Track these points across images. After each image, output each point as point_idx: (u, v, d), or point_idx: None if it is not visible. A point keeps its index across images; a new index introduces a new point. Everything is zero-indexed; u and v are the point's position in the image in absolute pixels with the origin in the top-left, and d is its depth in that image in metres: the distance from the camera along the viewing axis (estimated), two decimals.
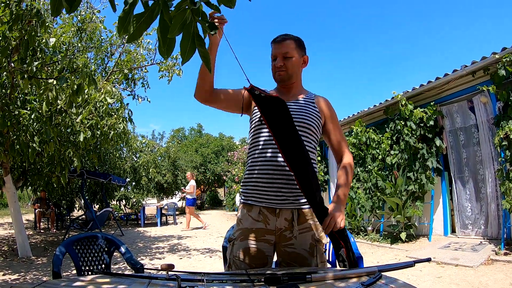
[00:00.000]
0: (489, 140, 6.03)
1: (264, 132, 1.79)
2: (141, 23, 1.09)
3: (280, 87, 1.95)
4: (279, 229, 1.73)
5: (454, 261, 5.00)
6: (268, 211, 1.74)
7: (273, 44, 1.87)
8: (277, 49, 1.84)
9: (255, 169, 1.78)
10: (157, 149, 17.97)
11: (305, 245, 1.73)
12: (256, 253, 1.72)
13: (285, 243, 1.74)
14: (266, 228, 1.73)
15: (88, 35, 7.05)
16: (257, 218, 1.74)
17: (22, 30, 3.75)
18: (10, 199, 6.70)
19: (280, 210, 1.73)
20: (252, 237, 1.73)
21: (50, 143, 4.99)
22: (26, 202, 23.36)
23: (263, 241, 1.73)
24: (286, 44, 1.83)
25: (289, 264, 1.74)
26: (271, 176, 1.72)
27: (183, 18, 1.08)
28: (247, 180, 1.82)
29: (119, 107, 6.09)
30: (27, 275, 5.28)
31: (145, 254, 7.13)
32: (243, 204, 1.82)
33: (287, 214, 1.73)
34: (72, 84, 4.24)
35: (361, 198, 8.33)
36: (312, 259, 1.73)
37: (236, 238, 1.78)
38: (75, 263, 2.34)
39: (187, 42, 1.13)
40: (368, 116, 8.93)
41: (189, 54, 1.15)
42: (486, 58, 5.72)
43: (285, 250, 1.74)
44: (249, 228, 1.75)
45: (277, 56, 1.84)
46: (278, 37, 1.86)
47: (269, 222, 1.73)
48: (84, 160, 8.91)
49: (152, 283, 1.26)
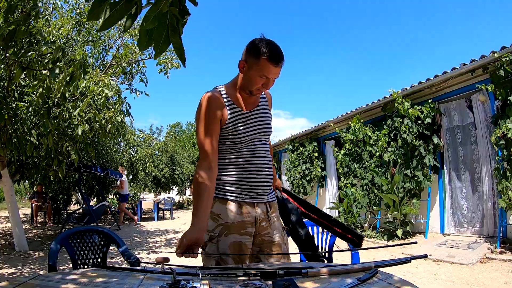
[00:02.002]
0: (486, 138, 6.04)
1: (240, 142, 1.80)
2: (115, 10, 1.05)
3: (242, 92, 1.84)
4: (258, 220, 1.80)
5: (450, 259, 5.02)
6: (246, 204, 1.79)
7: (272, 65, 1.68)
8: (274, 73, 1.71)
9: (234, 168, 1.81)
10: (154, 144, 17.93)
11: (279, 231, 1.87)
12: (241, 247, 1.73)
13: (263, 232, 1.82)
14: (248, 221, 1.77)
15: (86, 29, 7.03)
16: (237, 211, 1.76)
17: (16, 21, 3.72)
18: (7, 193, 6.68)
19: (257, 203, 1.82)
20: (235, 231, 1.73)
21: (48, 136, 4.97)
22: (23, 196, 23.30)
23: (246, 234, 1.76)
24: (281, 67, 1.72)
25: (267, 253, 1.81)
26: (250, 176, 1.80)
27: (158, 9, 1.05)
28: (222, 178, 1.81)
29: (117, 100, 6.07)
30: (24, 269, 5.28)
31: (142, 248, 7.13)
32: (218, 199, 1.78)
33: (262, 206, 1.84)
34: (64, 74, 4.21)
35: (358, 194, 8.34)
36: (283, 245, 1.86)
37: (219, 235, 1.72)
38: (71, 257, 2.33)
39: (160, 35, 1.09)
40: (366, 113, 8.92)
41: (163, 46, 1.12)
42: (485, 56, 5.71)
43: (263, 239, 1.82)
44: (230, 223, 1.74)
45: (271, 78, 1.73)
46: (279, 58, 1.68)
47: (249, 214, 1.78)
48: (82, 154, 8.89)
49: (147, 276, 1.25)
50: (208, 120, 1.73)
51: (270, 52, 1.66)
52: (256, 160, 1.80)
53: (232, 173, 1.79)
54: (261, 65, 1.67)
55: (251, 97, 1.85)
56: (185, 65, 1.32)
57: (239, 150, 1.80)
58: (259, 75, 1.70)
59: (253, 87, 1.75)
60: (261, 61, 1.67)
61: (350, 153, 9.03)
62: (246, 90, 1.79)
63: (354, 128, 8.59)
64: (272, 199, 1.91)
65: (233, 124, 1.76)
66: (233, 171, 1.79)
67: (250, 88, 1.77)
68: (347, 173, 9.24)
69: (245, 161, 1.79)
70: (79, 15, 6.89)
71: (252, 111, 1.84)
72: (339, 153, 9.45)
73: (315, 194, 11.30)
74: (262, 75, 1.69)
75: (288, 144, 12.48)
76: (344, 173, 9.34)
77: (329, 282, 1.17)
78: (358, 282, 1.12)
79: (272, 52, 1.66)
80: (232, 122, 1.76)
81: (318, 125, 10.78)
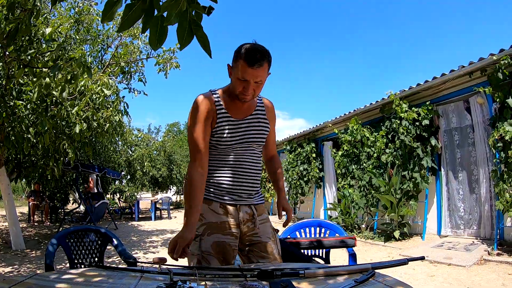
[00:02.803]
0: (484, 141, 6.05)
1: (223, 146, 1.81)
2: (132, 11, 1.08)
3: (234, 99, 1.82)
4: (242, 221, 1.81)
5: (447, 260, 5.03)
6: (229, 206, 1.80)
7: (248, 66, 1.64)
8: (251, 75, 1.66)
9: (218, 171, 1.83)
10: (152, 143, 17.92)
11: (268, 233, 1.87)
12: (224, 247, 1.74)
13: (250, 233, 1.82)
14: (231, 221, 1.78)
15: (85, 28, 7.02)
16: (219, 212, 1.78)
17: (17, 19, 3.71)
18: (4, 192, 6.66)
19: (240, 205, 1.83)
20: (218, 231, 1.75)
21: (46, 134, 4.95)
22: (20, 195, 23.23)
23: (229, 234, 1.76)
24: (261, 71, 1.67)
25: (258, 254, 1.81)
26: (234, 181, 1.81)
27: (178, 7, 1.07)
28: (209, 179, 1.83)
29: (115, 99, 6.06)
30: (21, 267, 5.26)
31: (139, 248, 7.12)
32: (203, 200, 1.78)
33: (246, 208, 1.84)
34: (66, 73, 4.21)
35: (355, 195, 8.35)
36: (274, 247, 1.86)
37: (202, 234, 1.75)
38: (68, 256, 2.33)
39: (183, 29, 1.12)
40: (364, 114, 8.93)
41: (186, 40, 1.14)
42: (484, 59, 5.72)
43: (251, 239, 1.82)
44: (213, 222, 1.76)
45: (249, 81, 1.68)
46: (254, 60, 1.64)
47: (232, 215, 1.79)
48: (79, 153, 8.88)
49: (144, 276, 1.25)
50: (199, 122, 1.75)
51: (246, 53, 1.64)
52: (240, 167, 1.82)
53: (216, 176, 1.82)
54: (238, 67, 1.67)
55: (245, 104, 1.84)
56: (211, 56, 1.38)
57: (224, 155, 1.82)
58: (237, 77, 1.69)
59: (236, 91, 1.74)
60: (238, 63, 1.67)
61: (348, 154, 9.04)
62: (233, 94, 1.79)
63: (352, 129, 8.59)
64: (258, 201, 1.91)
65: (220, 129, 1.77)
66: (217, 174, 1.82)
67: (234, 92, 1.76)
68: (344, 174, 9.24)
69: (229, 166, 1.81)
70: (78, 13, 6.89)
71: (244, 119, 1.83)
72: (337, 154, 9.45)
73: (312, 195, 11.30)
74: (241, 77, 1.68)
75: (286, 144, 12.48)
76: (341, 174, 9.34)
77: (326, 283, 1.17)
78: (355, 283, 1.12)
79: (249, 54, 1.64)
80: (219, 127, 1.77)
81: (316, 126, 10.78)
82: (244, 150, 1.82)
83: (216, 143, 1.80)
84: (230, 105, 1.82)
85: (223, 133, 1.77)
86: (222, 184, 1.80)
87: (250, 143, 1.84)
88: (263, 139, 1.89)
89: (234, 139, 1.79)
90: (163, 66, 7.55)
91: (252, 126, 1.85)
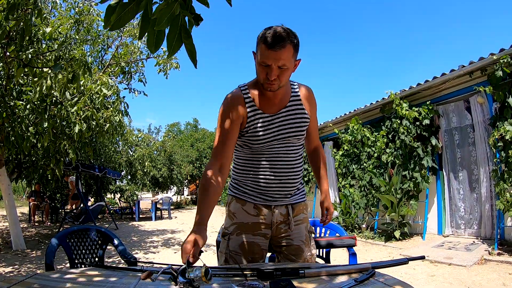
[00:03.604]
0: (484, 140, 6.04)
1: (257, 144, 1.71)
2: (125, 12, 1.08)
3: (266, 91, 1.67)
4: (275, 223, 1.74)
5: (447, 260, 5.02)
6: (263, 206, 1.74)
7: (268, 49, 1.49)
8: (273, 58, 1.50)
9: (251, 171, 1.75)
10: (153, 143, 17.92)
11: (301, 236, 1.77)
12: (253, 247, 1.71)
13: (281, 235, 1.76)
14: (263, 222, 1.73)
15: (85, 28, 7.02)
16: (252, 212, 1.73)
17: (18, 19, 3.72)
18: (4, 192, 6.66)
19: (275, 206, 1.75)
20: (249, 231, 1.72)
21: (45, 134, 4.95)
22: (21, 195, 23.23)
23: (260, 235, 1.72)
24: (284, 54, 1.50)
25: (287, 257, 1.75)
26: (267, 181, 1.72)
27: (171, 11, 1.07)
28: (240, 179, 1.79)
29: (115, 99, 6.06)
30: (21, 268, 5.26)
31: (140, 248, 7.12)
32: (236, 199, 1.79)
33: (282, 209, 1.75)
34: (67, 73, 4.21)
35: (356, 195, 8.35)
36: (306, 250, 1.78)
37: (231, 233, 1.74)
38: (68, 256, 2.33)
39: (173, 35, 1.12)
40: (365, 114, 8.93)
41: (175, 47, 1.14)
42: (484, 58, 5.72)
43: (283, 243, 1.76)
44: (245, 223, 1.73)
45: (272, 66, 1.52)
46: (275, 41, 1.48)
47: (265, 217, 1.73)
48: (80, 153, 8.88)
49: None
50: (225, 121, 1.65)
51: (266, 35, 1.49)
52: (276, 167, 1.71)
53: (249, 176, 1.75)
54: (259, 51, 1.54)
55: (277, 96, 1.69)
56: (196, 66, 1.29)
57: (257, 153, 1.72)
58: (259, 62, 1.55)
59: (260, 79, 1.60)
60: (259, 47, 1.54)
61: (348, 154, 9.04)
62: (260, 85, 1.65)
63: (352, 129, 8.59)
64: (296, 200, 1.80)
65: (252, 128, 1.67)
66: (250, 174, 1.75)
67: (260, 81, 1.62)
68: (345, 174, 9.24)
69: (264, 166, 1.71)
70: (78, 14, 6.88)
71: (277, 113, 1.70)
72: (337, 153, 9.45)
73: (313, 195, 11.29)
74: (261, 61, 1.54)
75: None
76: (342, 174, 9.34)
77: (326, 282, 1.17)
78: (355, 283, 1.12)
79: (267, 35, 1.49)
80: (251, 125, 1.66)
81: None
82: (280, 146, 1.70)
83: (248, 141, 1.69)
84: (261, 100, 1.69)
85: (256, 131, 1.66)
86: (256, 185, 1.73)
87: (287, 138, 1.71)
88: (301, 132, 1.74)
89: (268, 137, 1.67)
90: (163, 66, 7.55)
91: (288, 120, 1.70)
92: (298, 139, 1.75)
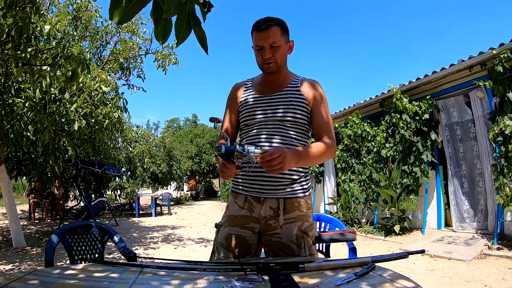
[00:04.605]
0: (485, 135, 6.04)
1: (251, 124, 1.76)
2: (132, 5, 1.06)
3: (266, 76, 1.80)
4: (263, 217, 1.68)
5: (447, 255, 5.04)
6: (253, 199, 1.70)
7: (257, 32, 1.65)
8: (262, 39, 1.64)
9: None
10: (152, 139, 17.90)
11: (291, 236, 1.66)
12: (239, 240, 1.70)
13: (270, 232, 1.68)
14: (251, 216, 1.70)
15: (83, 24, 6.99)
16: (242, 205, 1.72)
17: (16, 16, 3.70)
18: (4, 189, 6.66)
19: (265, 198, 1.68)
20: (237, 224, 1.72)
21: (45, 132, 4.94)
22: (20, 193, 23.23)
23: (247, 228, 1.70)
24: (272, 32, 1.63)
25: (276, 254, 1.69)
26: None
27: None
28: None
29: (114, 96, 6.04)
30: (22, 265, 5.27)
31: (140, 244, 7.13)
32: (231, 192, 1.82)
33: (272, 202, 1.67)
34: (66, 71, 4.19)
35: (355, 190, 8.35)
36: (300, 251, 1.66)
37: (222, 225, 1.77)
38: (68, 252, 2.32)
39: (182, 23, 1.10)
40: (365, 109, 8.93)
41: (184, 35, 1.12)
42: (484, 53, 5.71)
43: (271, 240, 1.69)
44: (234, 215, 1.74)
45: (264, 46, 1.65)
46: (261, 23, 1.64)
47: (253, 209, 1.69)
48: (79, 150, 8.86)
49: (144, 271, 1.25)
50: (227, 103, 1.91)
51: (255, 23, 1.69)
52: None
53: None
54: (253, 39, 1.71)
55: (276, 81, 1.79)
56: (207, 52, 1.29)
57: (253, 136, 1.72)
58: (254, 48, 1.72)
59: (259, 63, 1.74)
60: (252, 36, 1.71)
61: (348, 148, 9.04)
62: (264, 73, 1.81)
63: (352, 123, 8.59)
64: (290, 195, 1.68)
65: (244, 103, 1.81)
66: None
67: (260, 66, 1.76)
68: (345, 169, 9.24)
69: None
70: (76, 10, 6.85)
71: (271, 95, 1.76)
72: (337, 148, 9.45)
73: (312, 190, 11.30)
74: (255, 45, 1.70)
75: None
76: (342, 168, 9.34)
77: (326, 276, 1.17)
78: (355, 276, 1.12)
79: (256, 22, 1.68)
80: (244, 102, 1.81)
81: None
82: (273, 132, 1.68)
83: (244, 120, 1.79)
84: (260, 84, 1.84)
85: (247, 107, 1.78)
86: (245, 173, 1.69)
87: (280, 122, 1.70)
88: (294, 118, 1.70)
89: (258, 114, 1.73)
90: (162, 62, 7.52)
91: (281, 102, 1.72)
92: (293, 126, 1.70)
